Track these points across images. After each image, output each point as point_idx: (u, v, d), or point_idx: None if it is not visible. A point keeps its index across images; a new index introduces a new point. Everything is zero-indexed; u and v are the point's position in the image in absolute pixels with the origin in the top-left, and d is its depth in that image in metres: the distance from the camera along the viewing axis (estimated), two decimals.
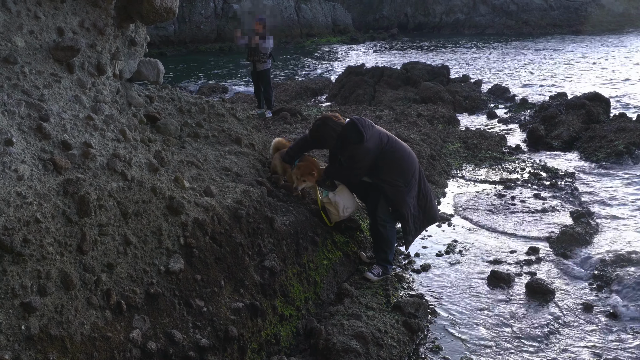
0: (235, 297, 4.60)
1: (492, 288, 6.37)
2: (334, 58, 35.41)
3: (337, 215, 6.31)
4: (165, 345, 3.83)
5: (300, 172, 6.23)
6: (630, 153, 11.24)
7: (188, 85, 22.56)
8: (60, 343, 3.25)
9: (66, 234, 3.66)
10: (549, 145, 12.70)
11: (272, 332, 4.82)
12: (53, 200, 3.71)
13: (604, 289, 6.26)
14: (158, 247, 4.29)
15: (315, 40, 47.85)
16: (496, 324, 5.67)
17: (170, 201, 4.62)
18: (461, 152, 12.09)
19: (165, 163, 5.25)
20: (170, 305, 4.08)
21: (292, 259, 5.51)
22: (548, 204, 8.90)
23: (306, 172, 6.22)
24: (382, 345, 4.98)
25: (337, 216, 6.32)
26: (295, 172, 6.27)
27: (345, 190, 6.33)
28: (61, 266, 3.51)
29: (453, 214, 8.59)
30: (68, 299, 3.44)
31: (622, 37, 44.24)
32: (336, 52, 39.22)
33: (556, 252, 7.19)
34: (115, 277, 3.86)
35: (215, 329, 4.23)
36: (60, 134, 4.24)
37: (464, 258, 7.13)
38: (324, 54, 38.63)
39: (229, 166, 6.20)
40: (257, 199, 5.57)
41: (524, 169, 10.90)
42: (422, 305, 5.78)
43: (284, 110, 13.34)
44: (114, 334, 3.56)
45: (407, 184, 6.13)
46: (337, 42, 48.42)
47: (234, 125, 7.47)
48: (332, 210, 6.28)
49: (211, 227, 4.78)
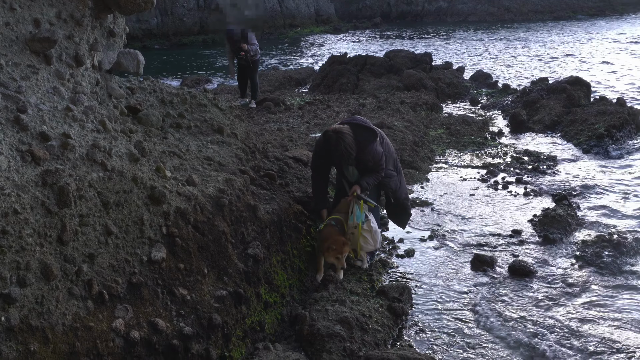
0: (218, 285, 4.61)
1: (475, 271, 6.43)
2: (317, 48, 35.33)
3: (372, 246, 5.99)
4: (148, 334, 3.84)
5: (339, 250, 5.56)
6: (611, 136, 11.34)
7: (171, 78, 22.42)
8: (41, 334, 3.24)
9: (46, 225, 3.65)
10: (531, 129, 12.79)
11: (257, 319, 4.84)
12: (32, 191, 3.69)
13: (585, 269, 6.34)
14: (140, 237, 4.28)
15: (298, 30, 47.66)
16: (479, 305, 5.72)
17: (151, 191, 4.61)
18: (444, 138, 12.14)
19: (147, 153, 5.23)
20: (153, 294, 4.08)
21: (276, 247, 5.53)
22: (530, 188, 8.97)
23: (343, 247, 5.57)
24: (366, 329, 5.02)
25: (373, 246, 6.03)
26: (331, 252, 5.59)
27: (373, 217, 6.03)
28: (41, 257, 3.50)
29: (436, 198, 8.64)
30: (49, 290, 3.43)
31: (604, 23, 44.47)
32: (319, 42, 39.13)
33: (538, 235, 7.26)
34: (96, 267, 3.85)
35: (199, 317, 4.24)
36: (39, 125, 4.22)
37: (447, 242, 7.18)
38: (307, 44, 38.53)
39: (212, 156, 6.19)
40: (239, 188, 5.56)
41: (506, 153, 10.97)
42: (406, 289, 5.82)
43: (267, 100, 13.31)
44: (96, 324, 3.56)
45: (397, 170, 6.32)
46: (320, 32, 48.31)
47: (217, 115, 7.45)
48: (369, 240, 5.91)
49: (194, 215, 4.78)
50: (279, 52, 32.50)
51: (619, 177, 9.33)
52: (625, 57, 23.04)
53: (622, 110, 12.29)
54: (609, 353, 4.90)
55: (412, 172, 9.59)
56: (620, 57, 22.71)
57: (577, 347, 5.00)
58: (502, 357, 4.91)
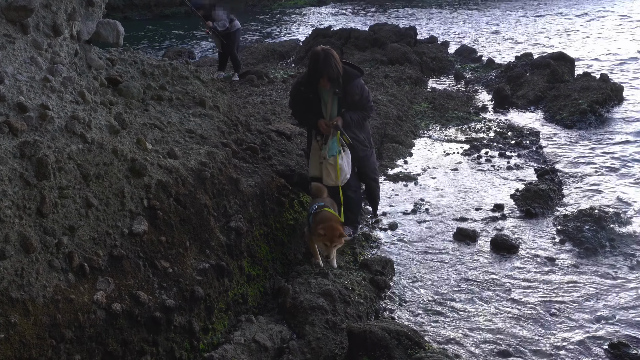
0: (201, 257, 4.59)
1: (458, 244, 6.47)
2: (301, 20, 34.96)
3: (333, 181, 5.77)
4: (130, 307, 3.82)
5: (329, 237, 5.12)
6: (594, 111, 11.38)
7: (152, 50, 22.11)
8: (21, 306, 3.21)
9: (24, 197, 3.59)
10: (515, 104, 12.79)
11: (240, 291, 4.84)
12: (9, 163, 3.62)
13: (566, 243, 6.39)
14: (121, 210, 4.24)
15: (282, 2, 47.13)
16: (462, 278, 5.77)
17: (132, 163, 4.56)
18: (428, 113, 12.12)
19: (127, 125, 5.16)
20: (134, 266, 4.06)
21: (259, 220, 5.51)
22: (513, 162, 9.01)
23: (335, 236, 5.11)
24: (349, 302, 5.04)
25: (333, 182, 5.78)
26: (320, 238, 5.17)
27: (348, 157, 5.89)
28: (20, 229, 3.45)
29: (420, 173, 8.65)
30: (28, 262, 3.40)
31: None
32: (303, 15, 38.72)
33: (520, 209, 7.31)
34: (77, 239, 3.81)
35: (182, 289, 4.23)
36: (16, 96, 4.13)
37: (430, 216, 7.20)
38: (291, 16, 38.14)
39: (193, 128, 6.13)
40: (222, 161, 5.52)
41: (490, 128, 10.99)
42: (389, 262, 5.84)
43: (250, 73, 13.18)
44: (77, 296, 3.54)
45: (371, 146, 6.25)
46: (304, 4, 47.76)
47: (198, 88, 7.37)
48: (331, 174, 5.75)
49: (175, 188, 4.74)
50: (262, 25, 32.14)
51: (601, 153, 9.38)
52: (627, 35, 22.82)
53: (605, 86, 12.33)
54: (587, 323, 4.97)
55: (396, 146, 9.59)
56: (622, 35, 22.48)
57: (558, 319, 5.07)
58: (484, 330, 4.96)
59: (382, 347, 4.14)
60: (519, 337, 4.83)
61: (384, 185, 8.14)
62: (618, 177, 8.29)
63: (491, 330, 4.95)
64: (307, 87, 5.80)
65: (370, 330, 4.20)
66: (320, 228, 5.09)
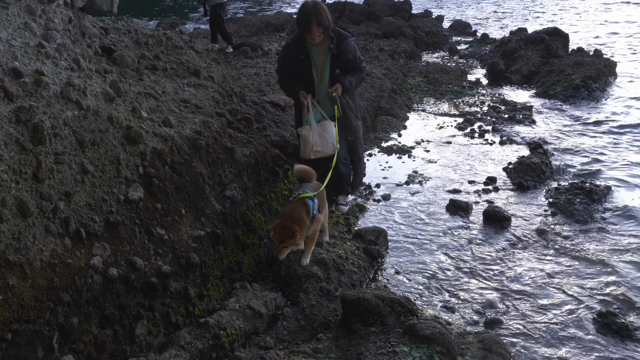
0: (196, 225, 4.62)
1: (450, 216, 6.52)
2: None
3: (303, 153, 5.69)
4: (126, 272, 3.85)
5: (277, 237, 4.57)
6: (586, 87, 11.41)
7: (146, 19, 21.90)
8: (19, 269, 3.23)
9: (21, 162, 3.60)
10: (509, 79, 12.81)
11: (234, 259, 4.87)
12: (5, 127, 3.62)
13: (557, 215, 6.46)
14: (117, 176, 4.25)
15: None
16: (454, 249, 5.83)
17: (127, 131, 4.55)
18: (422, 86, 12.12)
19: (122, 94, 5.14)
20: (130, 233, 4.08)
21: (254, 189, 5.53)
22: (506, 136, 9.04)
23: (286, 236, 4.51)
24: (342, 270, 5.09)
25: (303, 152, 5.71)
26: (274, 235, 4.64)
27: (329, 130, 5.58)
28: (17, 193, 3.46)
29: (414, 146, 8.67)
30: (25, 226, 3.41)
31: None
32: None
33: (513, 182, 7.36)
34: (73, 205, 3.82)
35: (177, 256, 4.26)
36: (10, 62, 4.11)
37: (423, 188, 7.25)
38: None
39: (188, 98, 6.11)
40: (217, 130, 5.52)
41: (483, 102, 11.01)
42: (382, 233, 5.89)
43: (244, 45, 13.11)
44: (74, 261, 3.56)
45: (359, 119, 6.11)
46: None
47: (193, 58, 7.33)
48: (300, 145, 5.74)
49: (170, 156, 4.75)
50: None
51: (594, 127, 9.44)
52: None
53: (598, 61, 12.36)
54: (576, 294, 5.05)
55: (390, 119, 9.60)
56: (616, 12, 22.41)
57: (548, 290, 5.14)
58: (475, 299, 5.02)
59: (375, 314, 4.19)
60: (509, 306, 4.90)
61: (377, 157, 8.18)
62: (610, 151, 8.35)
63: (482, 299, 5.01)
64: (297, 46, 5.57)
65: (364, 298, 4.25)
66: (274, 225, 4.56)
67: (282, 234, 4.48)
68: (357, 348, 3.99)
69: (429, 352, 3.81)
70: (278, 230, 4.51)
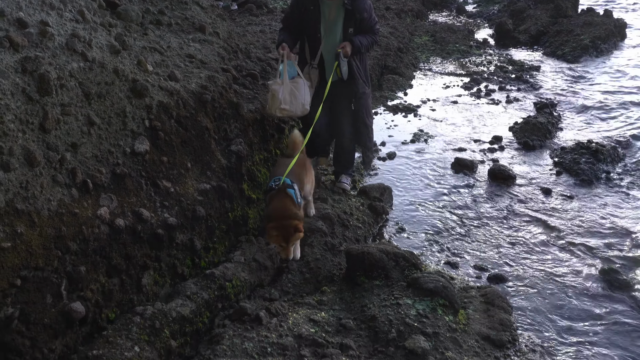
0: (202, 179, 4.63)
1: (455, 174, 6.53)
2: None
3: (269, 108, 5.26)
4: (133, 223, 3.87)
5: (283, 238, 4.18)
6: (595, 47, 11.30)
7: None
8: (27, 217, 3.26)
9: (27, 112, 3.59)
10: (516, 39, 12.66)
11: (240, 213, 4.90)
12: (11, 77, 3.60)
13: (562, 175, 6.45)
14: (123, 129, 4.24)
15: None
16: (459, 206, 5.85)
17: (133, 84, 4.53)
18: (429, 46, 12.00)
19: (128, 47, 5.10)
20: (137, 185, 4.09)
21: (259, 145, 5.53)
22: (513, 96, 8.99)
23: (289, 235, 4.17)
24: (347, 226, 5.12)
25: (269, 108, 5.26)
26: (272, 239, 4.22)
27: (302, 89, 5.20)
28: (24, 143, 3.46)
29: (419, 104, 8.63)
30: (33, 176, 3.42)
31: None
32: None
33: (519, 141, 7.34)
34: (80, 156, 3.83)
35: (183, 208, 4.28)
36: (15, 12, 4.07)
37: (429, 146, 7.24)
38: None
39: (193, 53, 6.06)
40: (222, 85, 5.49)
41: (490, 62, 10.91)
42: (387, 190, 5.91)
43: (249, 3, 12.94)
44: (81, 211, 3.58)
45: (369, 85, 5.65)
46: None
47: (198, 14, 7.24)
48: (268, 99, 5.27)
49: (176, 110, 4.73)
50: None
51: (601, 88, 9.36)
52: None
53: (608, 21, 12.21)
54: (579, 251, 5.08)
55: (396, 77, 9.53)
56: None
57: (552, 247, 5.17)
58: (479, 256, 5.06)
59: (379, 268, 4.23)
60: (512, 264, 4.93)
61: (383, 115, 8.15)
62: (616, 111, 8.30)
63: (486, 255, 5.05)
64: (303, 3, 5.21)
65: (368, 252, 4.28)
66: (271, 228, 4.16)
67: (286, 234, 4.14)
68: (360, 300, 4.04)
69: (432, 305, 3.86)
70: (280, 232, 4.13)
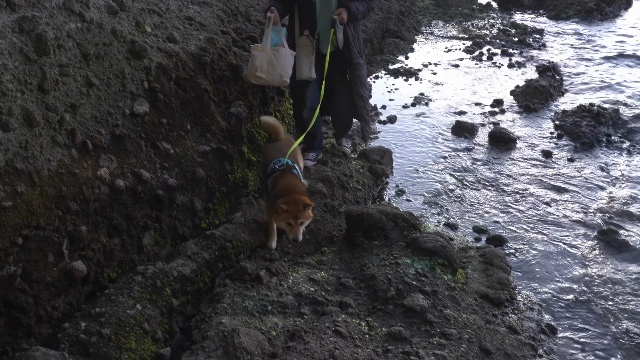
0: (201, 141, 4.63)
1: (456, 137, 6.52)
2: None
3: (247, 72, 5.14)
4: (133, 184, 3.89)
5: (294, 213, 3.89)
6: (600, 10, 11.18)
7: None
8: (27, 177, 3.27)
9: (25, 72, 3.58)
10: (520, 2, 12.53)
11: (240, 175, 4.91)
12: (9, 37, 3.58)
13: (563, 138, 6.44)
14: (122, 90, 4.23)
15: None
16: (459, 169, 5.86)
17: (132, 45, 4.50)
18: (431, 9, 11.89)
19: (126, 8, 5.05)
20: (136, 146, 4.10)
21: (258, 108, 5.51)
22: (515, 60, 8.93)
23: (300, 211, 3.89)
24: (347, 188, 5.14)
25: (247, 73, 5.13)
26: (280, 215, 3.92)
27: (282, 58, 5.02)
28: (22, 103, 3.46)
29: (420, 68, 8.58)
30: (32, 136, 3.43)
31: None
32: None
33: (520, 104, 7.32)
34: (79, 117, 3.82)
35: (183, 170, 4.29)
36: None
37: (429, 110, 7.21)
38: None
39: (193, 15, 6.01)
40: (222, 47, 5.45)
41: (493, 25, 10.81)
42: (387, 152, 5.91)
43: None
44: (81, 171, 3.59)
45: (363, 57, 5.45)
46: None
47: None
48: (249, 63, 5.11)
49: (175, 72, 4.71)
50: None
51: (604, 51, 9.29)
52: None
53: None
54: (578, 214, 5.10)
55: (397, 41, 9.46)
56: None
57: (552, 209, 5.19)
58: (478, 218, 5.08)
59: (378, 228, 4.26)
60: (513, 224, 4.96)
61: (384, 79, 8.11)
62: (619, 75, 8.25)
63: (487, 217, 5.07)
64: None
65: (368, 213, 4.30)
66: (281, 202, 3.89)
67: (296, 210, 3.87)
68: (360, 260, 4.07)
69: (431, 264, 3.89)
70: (290, 207, 3.87)
